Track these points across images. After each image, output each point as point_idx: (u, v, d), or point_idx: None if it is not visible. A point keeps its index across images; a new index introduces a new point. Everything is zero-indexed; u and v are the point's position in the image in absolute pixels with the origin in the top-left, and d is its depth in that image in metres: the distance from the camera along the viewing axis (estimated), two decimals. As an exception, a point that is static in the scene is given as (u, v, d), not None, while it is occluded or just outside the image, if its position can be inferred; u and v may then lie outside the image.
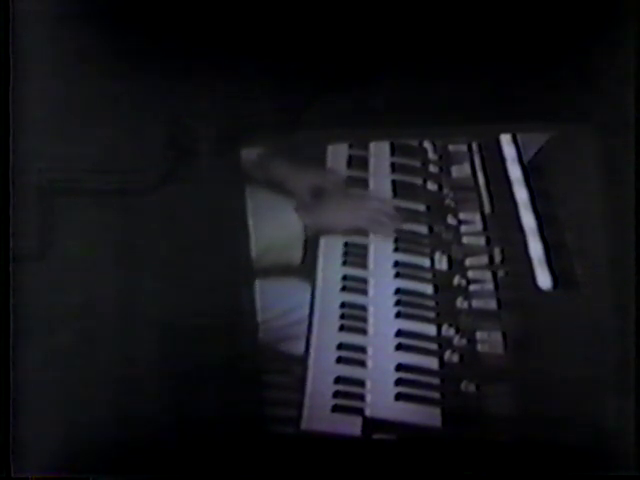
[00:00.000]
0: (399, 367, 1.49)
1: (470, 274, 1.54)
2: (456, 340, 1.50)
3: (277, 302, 1.53)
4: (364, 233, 1.59)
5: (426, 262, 1.57)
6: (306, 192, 1.60)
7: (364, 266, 1.57)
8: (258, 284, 1.52)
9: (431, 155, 1.64)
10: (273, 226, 1.55)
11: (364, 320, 1.52)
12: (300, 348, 1.50)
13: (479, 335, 1.50)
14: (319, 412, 1.47)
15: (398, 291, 1.54)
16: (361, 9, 1.48)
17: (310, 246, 1.57)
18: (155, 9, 1.48)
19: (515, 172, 1.57)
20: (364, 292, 1.55)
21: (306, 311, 1.52)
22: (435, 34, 1.48)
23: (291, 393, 1.48)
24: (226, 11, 1.48)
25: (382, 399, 1.47)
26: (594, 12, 1.47)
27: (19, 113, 1.48)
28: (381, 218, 1.59)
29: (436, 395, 1.47)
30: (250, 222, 1.52)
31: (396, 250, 1.58)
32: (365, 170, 1.65)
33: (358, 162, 1.65)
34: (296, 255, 1.56)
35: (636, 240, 1.45)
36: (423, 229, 1.59)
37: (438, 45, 1.48)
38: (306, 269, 1.56)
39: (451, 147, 1.63)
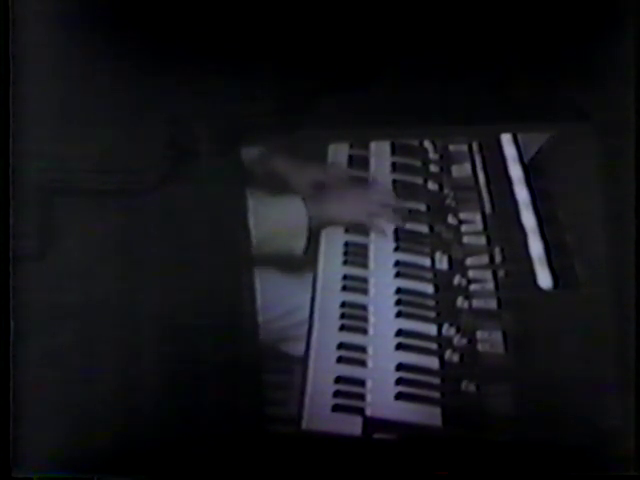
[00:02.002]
0: (399, 367, 1.49)
1: (470, 274, 1.54)
2: (456, 340, 1.50)
3: (277, 301, 1.53)
4: (365, 228, 1.59)
5: (427, 262, 1.57)
6: (307, 187, 1.60)
7: (365, 265, 1.57)
8: (258, 283, 1.52)
9: (432, 155, 1.64)
10: (273, 224, 1.55)
11: (364, 320, 1.52)
12: (300, 348, 1.50)
13: (479, 335, 1.50)
14: (319, 412, 1.47)
15: (399, 290, 1.54)
16: (361, 9, 1.48)
17: (311, 245, 1.57)
18: (155, 9, 1.48)
19: (515, 172, 1.57)
20: (365, 291, 1.55)
21: (306, 310, 1.52)
22: (435, 34, 1.48)
23: (291, 393, 1.48)
24: (226, 11, 1.48)
25: (382, 399, 1.47)
26: (594, 12, 1.47)
27: (19, 113, 1.48)
28: (382, 211, 1.59)
29: (436, 395, 1.47)
30: (250, 220, 1.52)
31: (397, 249, 1.58)
32: (366, 170, 1.65)
33: (359, 161, 1.65)
34: (297, 253, 1.56)
35: (636, 240, 1.45)
36: (424, 229, 1.59)
37: (438, 45, 1.48)
38: (307, 268, 1.56)
39: (451, 147, 1.63)
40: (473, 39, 1.48)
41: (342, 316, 1.53)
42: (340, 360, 1.50)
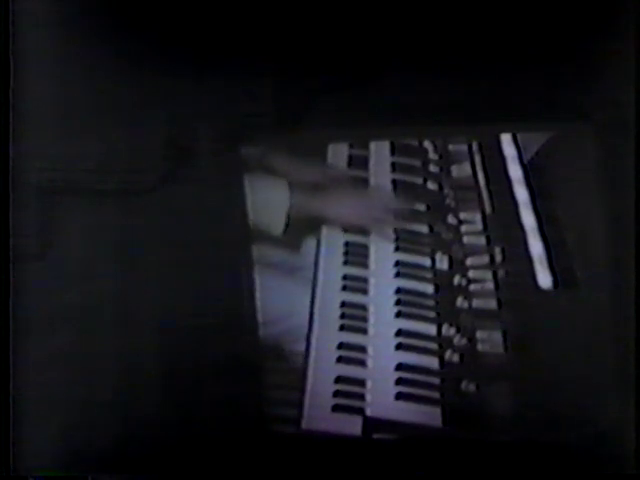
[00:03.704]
0: (399, 366, 1.49)
1: (470, 274, 1.54)
2: (456, 340, 1.50)
3: (277, 301, 1.52)
4: (365, 232, 1.59)
5: (427, 262, 1.57)
6: (308, 188, 1.60)
7: (365, 265, 1.57)
8: (258, 283, 1.52)
9: (431, 155, 1.64)
10: (273, 223, 1.55)
11: (364, 319, 1.52)
12: (300, 347, 1.50)
13: (479, 335, 1.50)
14: (319, 411, 1.47)
15: (398, 290, 1.54)
16: (362, 9, 1.48)
17: (311, 245, 1.57)
18: (155, 9, 1.48)
19: (515, 172, 1.57)
20: (364, 291, 1.55)
21: (306, 310, 1.52)
22: (435, 34, 1.48)
23: (291, 393, 1.48)
24: (226, 11, 1.48)
25: (382, 398, 1.47)
26: (594, 12, 1.47)
27: (19, 113, 1.48)
28: (384, 216, 1.59)
29: (436, 395, 1.47)
30: (250, 220, 1.52)
31: (397, 249, 1.58)
32: (365, 169, 1.65)
33: (358, 161, 1.65)
34: (296, 253, 1.56)
35: (636, 240, 1.45)
36: (423, 229, 1.59)
37: (438, 45, 1.48)
38: (307, 268, 1.56)
39: (451, 147, 1.63)
40: (473, 39, 1.48)
41: (342, 316, 1.53)
42: (340, 360, 1.50)
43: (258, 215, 1.53)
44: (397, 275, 1.56)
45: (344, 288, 1.55)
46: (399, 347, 1.50)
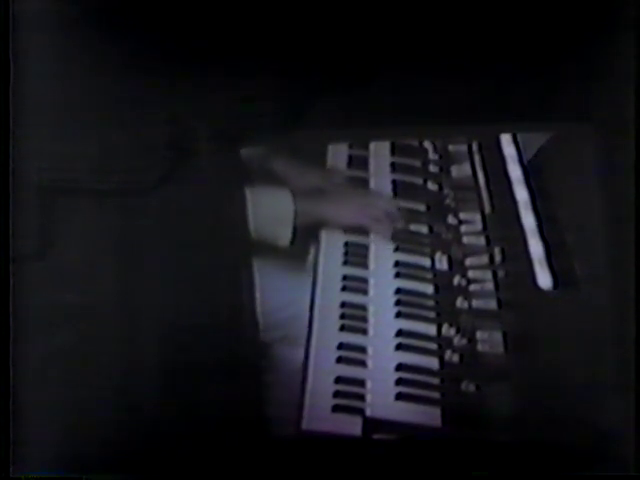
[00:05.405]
0: (399, 367, 1.49)
1: (470, 274, 1.54)
2: (456, 340, 1.50)
3: (277, 301, 1.52)
4: (365, 232, 1.59)
5: (426, 262, 1.57)
6: (308, 190, 1.60)
7: (365, 266, 1.57)
8: (258, 284, 1.52)
9: (431, 155, 1.64)
10: (273, 225, 1.55)
11: (364, 320, 1.52)
12: (300, 348, 1.50)
13: (479, 335, 1.50)
14: (319, 412, 1.47)
15: (398, 291, 1.54)
16: (361, 9, 1.48)
17: (311, 246, 1.57)
18: (155, 9, 1.48)
19: (515, 172, 1.57)
20: (364, 292, 1.55)
21: (306, 311, 1.52)
22: (435, 34, 1.48)
23: (291, 393, 1.48)
24: (226, 11, 1.48)
25: (382, 399, 1.47)
26: (594, 12, 1.47)
27: (19, 113, 1.48)
28: (384, 217, 1.59)
29: (436, 395, 1.47)
30: (250, 221, 1.52)
31: (396, 250, 1.58)
32: (365, 170, 1.65)
33: (358, 162, 1.65)
34: (296, 253, 1.56)
35: (636, 240, 1.45)
36: (423, 229, 1.59)
37: (438, 45, 1.48)
38: (307, 269, 1.56)
39: (451, 147, 1.63)
40: (473, 39, 1.48)
41: (342, 316, 1.53)
42: (340, 360, 1.50)
43: (258, 215, 1.53)
44: (397, 275, 1.56)
45: (344, 288, 1.55)
46: (399, 347, 1.50)
